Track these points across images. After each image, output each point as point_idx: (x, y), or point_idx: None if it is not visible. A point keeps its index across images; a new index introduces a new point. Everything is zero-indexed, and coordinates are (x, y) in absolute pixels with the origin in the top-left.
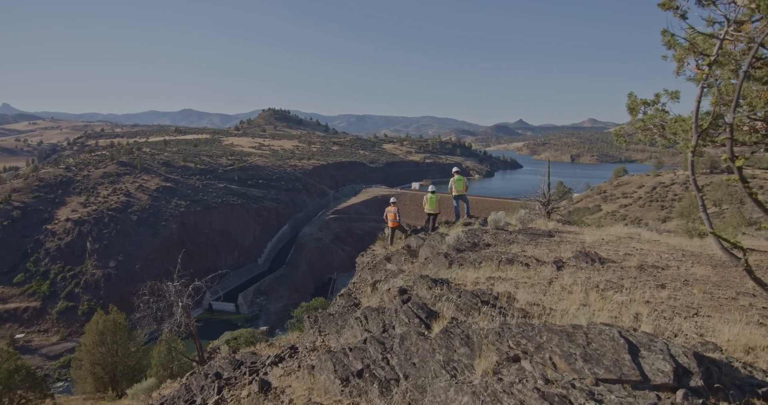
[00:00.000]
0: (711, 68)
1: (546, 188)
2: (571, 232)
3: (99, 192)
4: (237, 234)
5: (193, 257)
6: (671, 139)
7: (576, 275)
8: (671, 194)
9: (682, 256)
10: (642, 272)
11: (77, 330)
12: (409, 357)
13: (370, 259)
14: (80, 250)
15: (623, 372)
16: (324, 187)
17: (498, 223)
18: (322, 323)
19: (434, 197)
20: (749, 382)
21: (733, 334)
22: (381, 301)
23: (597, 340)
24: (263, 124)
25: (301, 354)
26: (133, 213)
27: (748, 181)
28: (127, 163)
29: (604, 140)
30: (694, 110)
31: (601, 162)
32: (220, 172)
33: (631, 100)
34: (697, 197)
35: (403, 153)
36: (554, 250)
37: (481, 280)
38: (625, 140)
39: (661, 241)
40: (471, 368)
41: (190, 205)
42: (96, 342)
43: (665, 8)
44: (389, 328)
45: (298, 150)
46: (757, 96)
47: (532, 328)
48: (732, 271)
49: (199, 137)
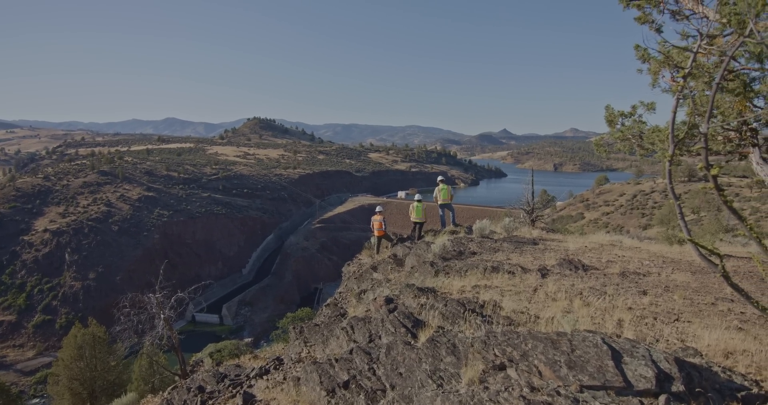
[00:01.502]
0: (686, 80)
1: (530, 197)
2: (555, 240)
3: (79, 202)
4: (221, 244)
5: (176, 268)
6: (649, 148)
7: (560, 282)
8: (651, 202)
9: (662, 263)
10: (624, 279)
11: (54, 344)
12: (395, 367)
13: (357, 268)
14: (58, 262)
15: (607, 378)
16: (310, 196)
17: (483, 232)
18: (307, 334)
19: (420, 206)
20: (728, 386)
21: (713, 339)
22: (367, 310)
23: (581, 347)
24: (248, 133)
25: (286, 366)
26: (114, 223)
27: (723, 189)
28: (108, 172)
29: (586, 149)
30: (670, 121)
31: (583, 170)
32: (204, 182)
33: (608, 113)
34: (675, 205)
35: (389, 162)
36: (539, 257)
37: (467, 288)
38: (606, 150)
39: (642, 248)
40: (457, 377)
41: (173, 214)
42: (74, 356)
43: (641, 22)
44: (375, 338)
45: (284, 159)
46: (730, 107)
47: (518, 336)
48: (711, 277)
49: (182, 146)
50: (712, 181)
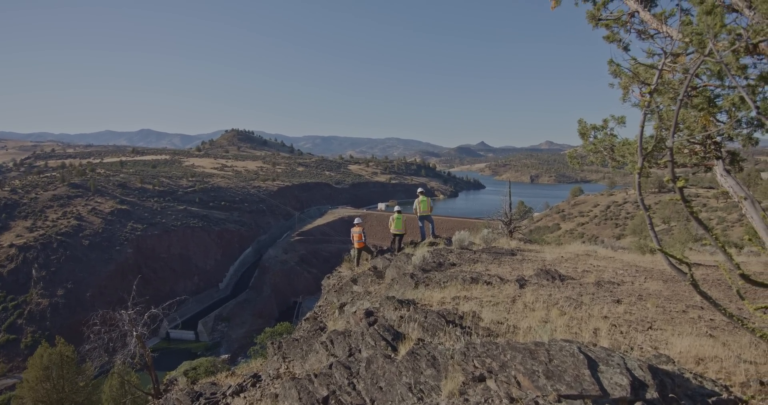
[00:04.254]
0: (652, 96)
1: (508, 208)
2: (533, 251)
3: (47, 216)
4: (197, 258)
5: (150, 283)
6: (620, 160)
7: (538, 293)
8: (624, 212)
9: (635, 272)
10: (599, 288)
11: (19, 365)
12: (375, 381)
13: (337, 281)
14: (24, 278)
15: (584, 387)
16: (289, 208)
17: (462, 243)
18: (286, 349)
19: (400, 218)
20: (700, 392)
21: (684, 346)
22: (347, 324)
23: (558, 357)
24: (226, 145)
25: (264, 382)
26: (84, 237)
27: (689, 201)
28: (79, 185)
29: (561, 161)
30: (639, 135)
31: (558, 182)
32: (180, 194)
33: (581, 126)
34: (645, 216)
35: (369, 174)
36: (517, 268)
37: (447, 299)
38: (579, 162)
39: (616, 257)
40: (437, 390)
41: (148, 228)
42: (40, 377)
43: (610, 41)
44: (355, 352)
45: (263, 171)
46: (694, 121)
47: (497, 347)
48: (681, 286)
49: (158, 158)
50: (678, 193)
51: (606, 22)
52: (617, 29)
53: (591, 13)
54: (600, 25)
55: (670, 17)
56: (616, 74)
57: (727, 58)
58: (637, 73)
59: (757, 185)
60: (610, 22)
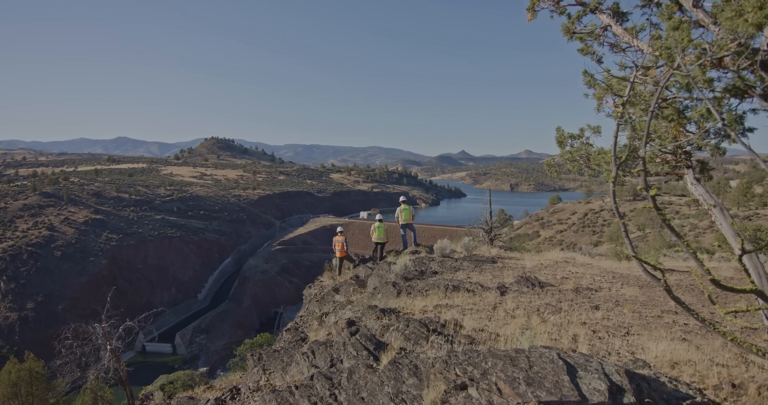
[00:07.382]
0: (625, 107)
1: (488, 216)
2: (513, 258)
3: (17, 226)
4: (175, 268)
5: (125, 295)
6: (596, 169)
7: (518, 300)
8: (601, 220)
9: (612, 278)
10: (578, 295)
11: None
12: (357, 391)
13: (318, 290)
14: None
15: (563, 393)
16: (270, 217)
17: (444, 251)
18: (266, 361)
19: (382, 226)
20: (675, 396)
21: (660, 351)
22: (329, 334)
23: (538, 363)
24: (206, 153)
25: (243, 395)
26: (56, 248)
27: (661, 209)
28: (51, 194)
29: (540, 170)
30: (612, 144)
31: (537, 190)
32: (158, 203)
33: (559, 134)
34: (620, 224)
35: (350, 182)
36: (498, 275)
37: (429, 308)
38: (556, 171)
39: (594, 264)
40: (420, 399)
41: (123, 238)
42: (8, 395)
43: (584, 53)
44: (337, 362)
45: (243, 180)
46: (666, 132)
47: (478, 355)
48: (656, 291)
49: (134, 166)
50: (651, 201)
51: (580, 35)
52: (591, 42)
53: (566, 25)
54: (575, 38)
55: (641, 31)
56: (591, 85)
57: (695, 71)
58: (611, 85)
59: (726, 193)
60: (584, 35)
